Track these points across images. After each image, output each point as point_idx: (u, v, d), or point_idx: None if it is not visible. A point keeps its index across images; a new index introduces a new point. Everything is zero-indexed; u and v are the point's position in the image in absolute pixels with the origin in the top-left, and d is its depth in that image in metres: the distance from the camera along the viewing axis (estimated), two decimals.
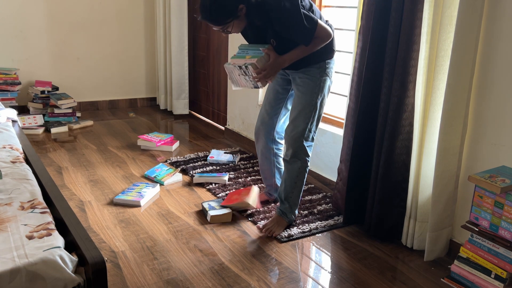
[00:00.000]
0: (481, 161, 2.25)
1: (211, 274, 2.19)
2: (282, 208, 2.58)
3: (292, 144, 2.49)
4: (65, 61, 4.83)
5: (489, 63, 2.16)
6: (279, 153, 2.77)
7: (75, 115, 4.48)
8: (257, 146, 2.77)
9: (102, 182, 3.18)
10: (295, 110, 2.48)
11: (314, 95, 2.44)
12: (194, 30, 4.85)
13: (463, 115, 2.21)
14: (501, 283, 1.98)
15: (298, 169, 2.52)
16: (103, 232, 2.52)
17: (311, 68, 2.43)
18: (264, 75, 2.29)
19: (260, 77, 2.29)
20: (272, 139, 2.72)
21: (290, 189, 2.56)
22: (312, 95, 2.44)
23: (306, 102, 2.44)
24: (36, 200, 1.74)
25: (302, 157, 2.51)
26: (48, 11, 4.63)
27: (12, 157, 2.18)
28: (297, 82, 2.48)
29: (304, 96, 2.44)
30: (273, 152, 2.75)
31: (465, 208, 2.34)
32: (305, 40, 2.30)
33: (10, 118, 2.82)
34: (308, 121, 2.46)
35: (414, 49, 2.29)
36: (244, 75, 2.34)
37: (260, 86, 2.35)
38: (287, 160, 2.54)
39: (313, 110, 2.45)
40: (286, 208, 2.58)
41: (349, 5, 3.09)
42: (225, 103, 4.40)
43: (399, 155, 2.43)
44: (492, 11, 2.12)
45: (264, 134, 2.70)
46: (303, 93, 2.44)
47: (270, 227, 2.56)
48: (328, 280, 2.21)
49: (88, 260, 1.39)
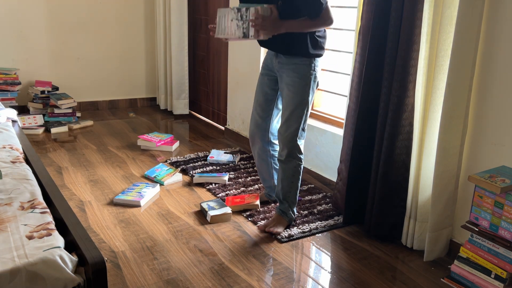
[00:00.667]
0: (481, 161, 2.25)
1: (211, 274, 2.19)
2: (282, 208, 2.59)
3: (286, 144, 2.50)
4: (65, 61, 4.82)
5: (489, 63, 2.16)
6: (276, 154, 2.77)
7: (75, 115, 4.48)
8: (253, 149, 2.78)
9: (102, 182, 3.18)
10: (288, 110, 2.48)
11: (305, 93, 2.45)
12: (194, 30, 4.85)
13: (463, 115, 2.21)
14: (501, 283, 1.98)
15: (294, 168, 2.54)
16: (103, 232, 2.52)
17: (300, 64, 2.43)
18: (261, 23, 2.23)
19: (257, 22, 2.23)
20: (267, 141, 2.72)
21: (288, 188, 2.57)
22: (304, 94, 2.45)
23: (298, 101, 2.45)
24: (36, 200, 1.74)
25: (297, 156, 2.53)
26: (48, 11, 4.63)
27: (12, 157, 2.18)
28: (287, 82, 2.47)
29: (295, 96, 2.45)
30: (270, 154, 2.76)
31: (465, 208, 2.34)
32: (314, 11, 2.29)
33: (10, 118, 2.82)
34: (301, 120, 2.48)
35: (414, 49, 2.29)
36: (239, 20, 2.29)
37: (250, 36, 2.28)
38: (282, 160, 2.55)
39: (305, 108, 2.47)
40: (285, 208, 2.59)
41: (349, 5, 3.09)
42: (225, 103, 4.40)
43: (399, 155, 2.43)
44: (492, 11, 2.12)
45: (260, 137, 2.71)
46: (295, 93, 2.45)
47: (272, 226, 2.56)
48: (328, 280, 2.21)
49: (88, 260, 1.39)
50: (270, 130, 2.71)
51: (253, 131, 2.72)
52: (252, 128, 2.72)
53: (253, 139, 2.74)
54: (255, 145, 2.75)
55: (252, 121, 2.72)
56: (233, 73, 4.14)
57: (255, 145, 2.75)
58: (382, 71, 2.43)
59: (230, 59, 4.15)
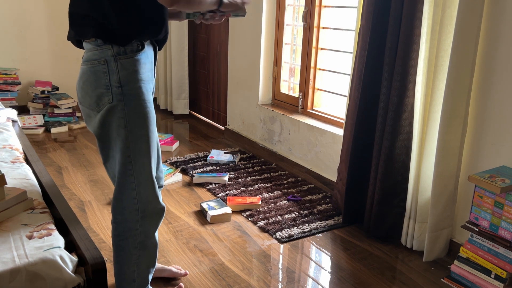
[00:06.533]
0: (481, 161, 2.25)
1: (211, 274, 2.19)
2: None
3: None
4: (65, 61, 4.82)
5: (489, 63, 2.16)
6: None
7: (75, 115, 4.48)
8: None
9: (102, 182, 3.18)
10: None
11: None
12: (194, 30, 4.85)
13: (463, 115, 2.21)
14: (501, 283, 1.98)
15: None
16: (103, 232, 2.52)
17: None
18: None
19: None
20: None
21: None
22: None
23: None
24: (36, 200, 1.74)
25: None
26: (48, 11, 4.63)
27: (12, 157, 2.18)
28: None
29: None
30: None
31: (465, 208, 2.34)
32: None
33: (10, 118, 2.82)
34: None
35: (414, 49, 2.29)
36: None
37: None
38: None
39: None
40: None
41: (349, 5, 3.09)
42: (225, 103, 4.40)
43: (399, 155, 2.43)
44: (492, 11, 2.12)
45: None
46: None
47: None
48: (328, 280, 2.21)
49: (88, 260, 1.39)
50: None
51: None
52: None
53: None
54: None
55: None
56: (233, 73, 4.14)
57: None
58: (382, 71, 2.43)
59: (230, 59, 4.15)
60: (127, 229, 1.69)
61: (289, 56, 3.71)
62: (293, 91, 3.74)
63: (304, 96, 3.51)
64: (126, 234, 1.70)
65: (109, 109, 1.57)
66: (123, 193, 1.66)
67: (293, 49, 3.67)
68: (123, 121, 1.58)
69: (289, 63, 3.71)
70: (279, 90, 3.79)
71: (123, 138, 1.60)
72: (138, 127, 1.61)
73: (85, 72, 1.60)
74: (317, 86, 3.47)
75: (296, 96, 3.59)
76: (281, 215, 2.75)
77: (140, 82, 1.59)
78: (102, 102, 1.58)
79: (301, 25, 3.45)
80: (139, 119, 1.60)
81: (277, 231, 2.57)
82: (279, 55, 3.72)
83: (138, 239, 1.71)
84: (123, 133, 1.59)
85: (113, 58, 1.56)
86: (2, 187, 1.58)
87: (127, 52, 1.57)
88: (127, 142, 1.60)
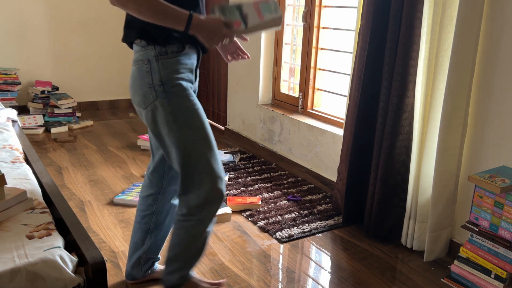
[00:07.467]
0: (481, 161, 2.25)
1: (211, 274, 2.19)
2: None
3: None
4: (65, 61, 4.82)
5: (489, 63, 2.16)
6: None
7: (75, 115, 4.48)
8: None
9: (102, 182, 3.18)
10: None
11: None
12: None
13: (463, 115, 2.21)
14: (501, 283, 1.98)
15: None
16: (103, 232, 2.52)
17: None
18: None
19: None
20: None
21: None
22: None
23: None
24: (36, 200, 1.74)
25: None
26: (48, 11, 4.63)
27: (12, 157, 2.18)
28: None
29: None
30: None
31: (465, 208, 2.34)
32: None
33: (10, 118, 2.82)
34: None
35: (414, 49, 2.29)
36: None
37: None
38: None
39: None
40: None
41: (349, 5, 3.09)
42: (225, 103, 4.40)
43: (399, 155, 2.43)
44: (492, 11, 2.12)
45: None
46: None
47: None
48: (328, 280, 2.21)
49: (88, 260, 1.39)
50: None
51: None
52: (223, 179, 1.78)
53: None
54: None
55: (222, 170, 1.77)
56: (233, 73, 4.14)
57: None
58: (382, 71, 2.43)
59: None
60: (191, 215, 1.73)
61: (289, 56, 3.71)
62: (293, 91, 3.74)
63: (304, 96, 3.51)
64: (190, 220, 1.74)
65: (155, 106, 1.67)
66: (188, 184, 1.71)
67: (293, 49, 3.67)
68: (171, 116, 1.66)
69: (289, 63, 3.71)
70: (279, 90, 3.79)
71: (174, 132, 1.67)
72: (186, 120, 1.67)
73: (133, 72, 1.72)
74: (317, 86, 3.48)
75: (296, 96, 3.59)
76: (281, 215, 2.75)
77: (179, 80, 1.67)
78: (148, 100, 1.67)
79: (301, 25, 3.45)
80: (186, 112, 1.68)
81: (277, 231, 2.57)
82: (279, 55, 3.72)
83: (198, 227, 1.75)
84: (174, 127, 1.66)
85: (155, 58, 1.65)
86: (2, 187, 1.58)
87: (168, 53, 1.66)
88: (178, 135, 1.67)
